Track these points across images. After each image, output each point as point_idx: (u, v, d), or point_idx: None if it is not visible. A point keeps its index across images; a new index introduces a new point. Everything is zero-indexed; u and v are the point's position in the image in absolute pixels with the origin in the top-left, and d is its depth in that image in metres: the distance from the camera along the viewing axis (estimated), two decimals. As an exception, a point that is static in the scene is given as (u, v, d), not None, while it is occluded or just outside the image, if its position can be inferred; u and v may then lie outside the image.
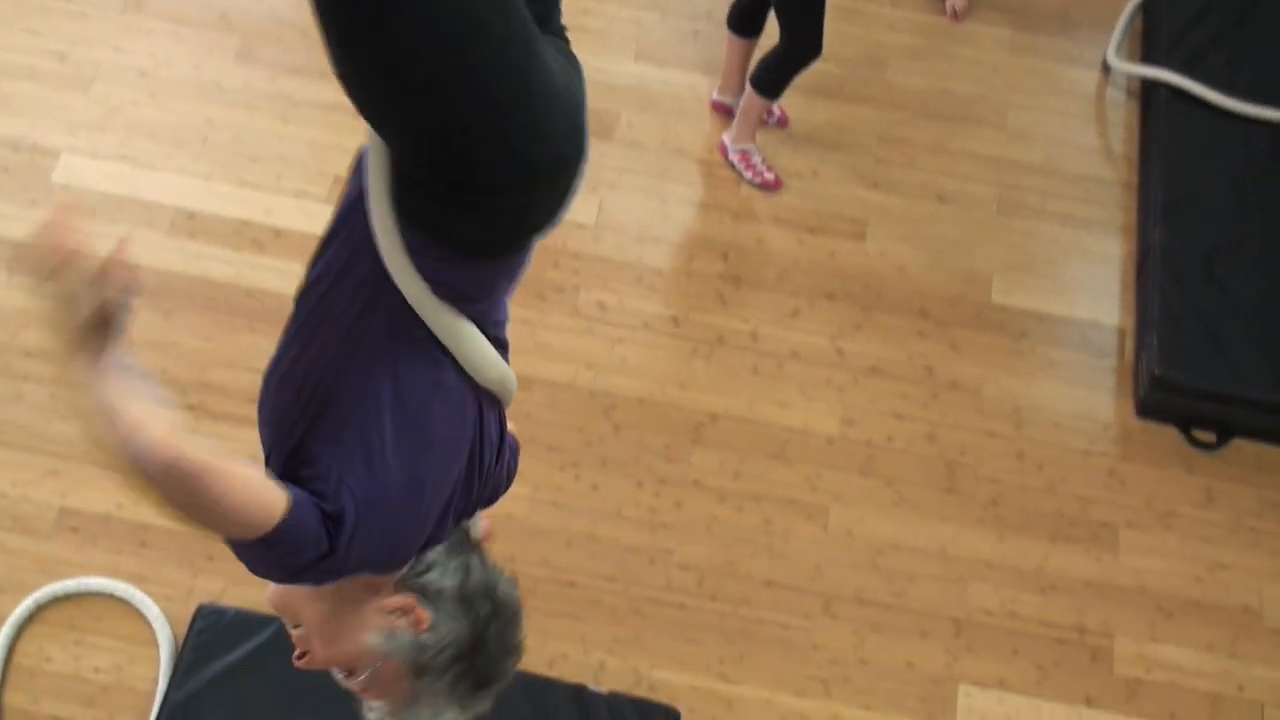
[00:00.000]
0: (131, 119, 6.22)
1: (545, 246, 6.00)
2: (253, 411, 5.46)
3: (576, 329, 5.91)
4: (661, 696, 5.17)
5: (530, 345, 5.83)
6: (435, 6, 2.09)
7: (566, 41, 2.57)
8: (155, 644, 5.21)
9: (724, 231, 6.19)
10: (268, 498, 2.38)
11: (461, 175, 2.28)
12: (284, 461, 2.53)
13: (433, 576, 2.73)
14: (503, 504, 5.48)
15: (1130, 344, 6.06)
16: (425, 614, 2.70)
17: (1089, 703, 5.37)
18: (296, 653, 2.74)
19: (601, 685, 5.15)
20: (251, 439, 5.54)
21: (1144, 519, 5.70)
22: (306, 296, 2.56)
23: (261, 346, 5.68)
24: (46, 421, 5.56)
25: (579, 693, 5.03)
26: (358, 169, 2.50)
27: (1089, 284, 6.23)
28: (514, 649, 2.83)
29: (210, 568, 5.35)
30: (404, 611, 2.70)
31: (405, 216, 2.37)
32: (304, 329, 2.53)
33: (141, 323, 5.69)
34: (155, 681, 5.14)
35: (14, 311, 5.74)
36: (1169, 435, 5.87)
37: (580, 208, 6.16)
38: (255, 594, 5.29)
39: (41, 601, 5.25)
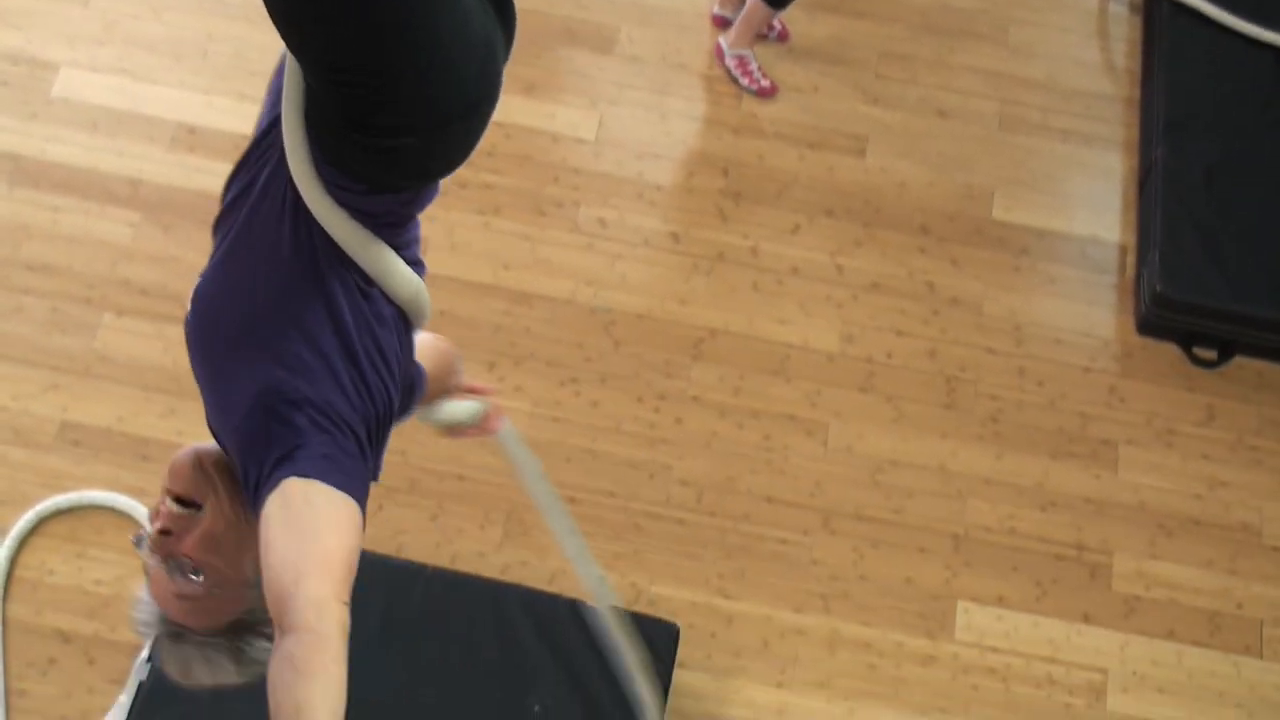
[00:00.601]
0: (131, 32, 6.14)
1: (544, 162, 6.00)
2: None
3: (576, 245, 5.85)
4: (661, 612, 5.16)
5: (530, 261, 5.78)
6: None
7: None
8: (157, 557, 5.18)
9: (724, 147, 6.13)
10: (352, 521, 2.34)
11: (364, 111, 2.25)
12: (254, 409, 2.44)
13: None
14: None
15: (1131, 260, 6.00)
16: None
17: (1087, 619, 5.36)
18: (159, 525, 2.56)
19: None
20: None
21: (1144, 436, 5.67)
22: (231, 213, 2.49)
23: (261, 261, 5.63)
24: (47, 335, 5.52)
25: (579, 607, 5.01)
26: (278, 76, 2.43)
27: (1090, 200, 6.17)
28: None
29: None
30: None
31: (315, 143, 2.33)
32: (230, 251, 2.46)
33: (142, 237, 5.66)
34: (157, 595, 5.12)
35: (16, 225, 5.69)
36: (1170, 352, 5.83)
37: (580, 123, 6.13)
38: (256, 508, 5.27)
39: (43, 514, 5.22)
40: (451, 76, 2.27)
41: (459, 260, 5.75)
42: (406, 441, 5.40)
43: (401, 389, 2.61)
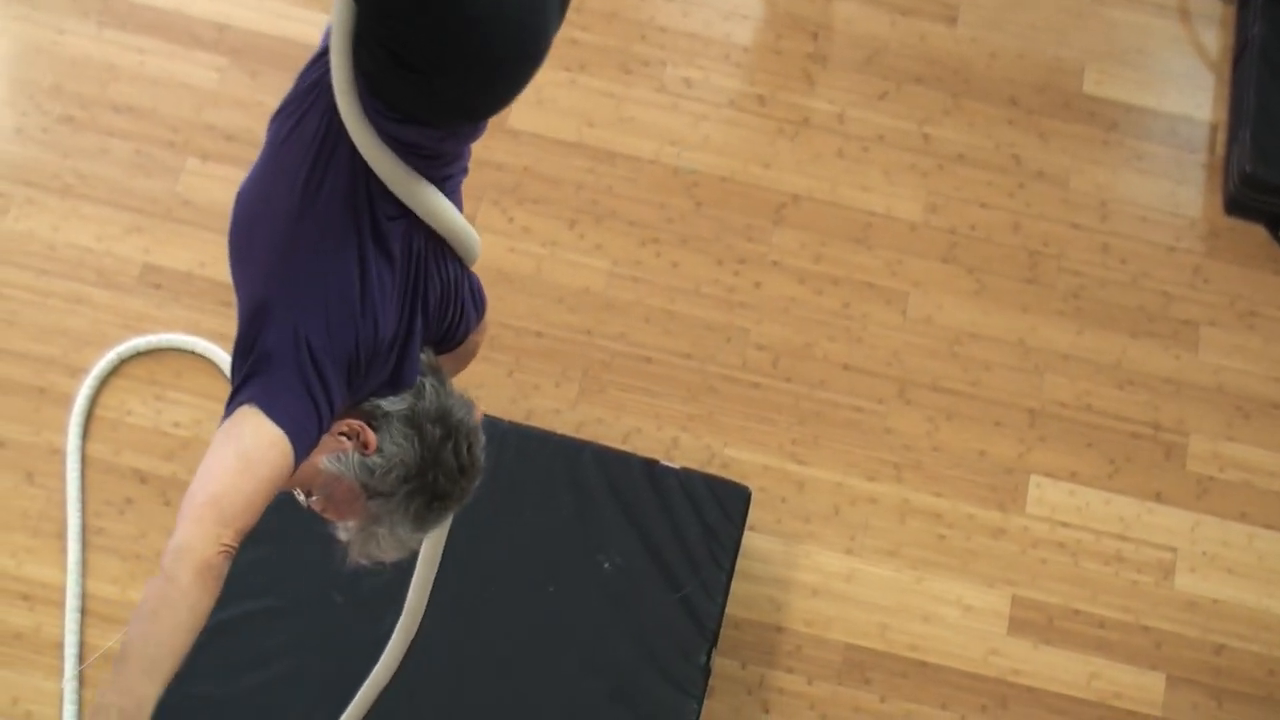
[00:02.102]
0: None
1: (632, 19, 5.85)
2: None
3: (661, 104, 5.72)
4: (733, 474, 5.08)
5: (614, 119, 5.65)
6: None
7: None
8: (235, 402, 5.14)
9: (814, 10, 5.95)
10: (273, 460, 2.44)
11: (405, 46, 2.28)
12: (248, 318, 2.51)
13: (382, 401, 2.65)
14: (580, 277, 5.38)
15: (1221, 139, 5.82)
16: (372, 437, 2.63)
17: (1159, 498, 5.25)
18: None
19: (674, 460, 5.06)
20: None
21: (1226, 317, 5.52)
22: (278, 118, 2.53)
23: (346, 110, 5.54)
24: (131, 177, 5.45)
25: (652, 467, 4.94)
26: None
27: (1182, 76, 5.97)
28: (468, 469, 2.70)
29: (290, 329, 5.26)
30: (352, 434, 2.63)
31: (362, 74, 2.36)
32: (271, 159, 2.50)
33: (228, 82, 5.57)
34: (234, 439, 5.08)
35: (103, 66, 5.60)
36: (1256, 234, 5.66)
37: (670, -20, 5.97)
38: (334, 357, 5.21)
39: (123, 355, 5.18)
40: (494, 22, 2.31)
41: (544, 117, 5.63)
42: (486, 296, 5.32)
43: (441, 324, 2.68)
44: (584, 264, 5.41)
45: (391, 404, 2.65)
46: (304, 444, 2.50)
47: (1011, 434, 5.29)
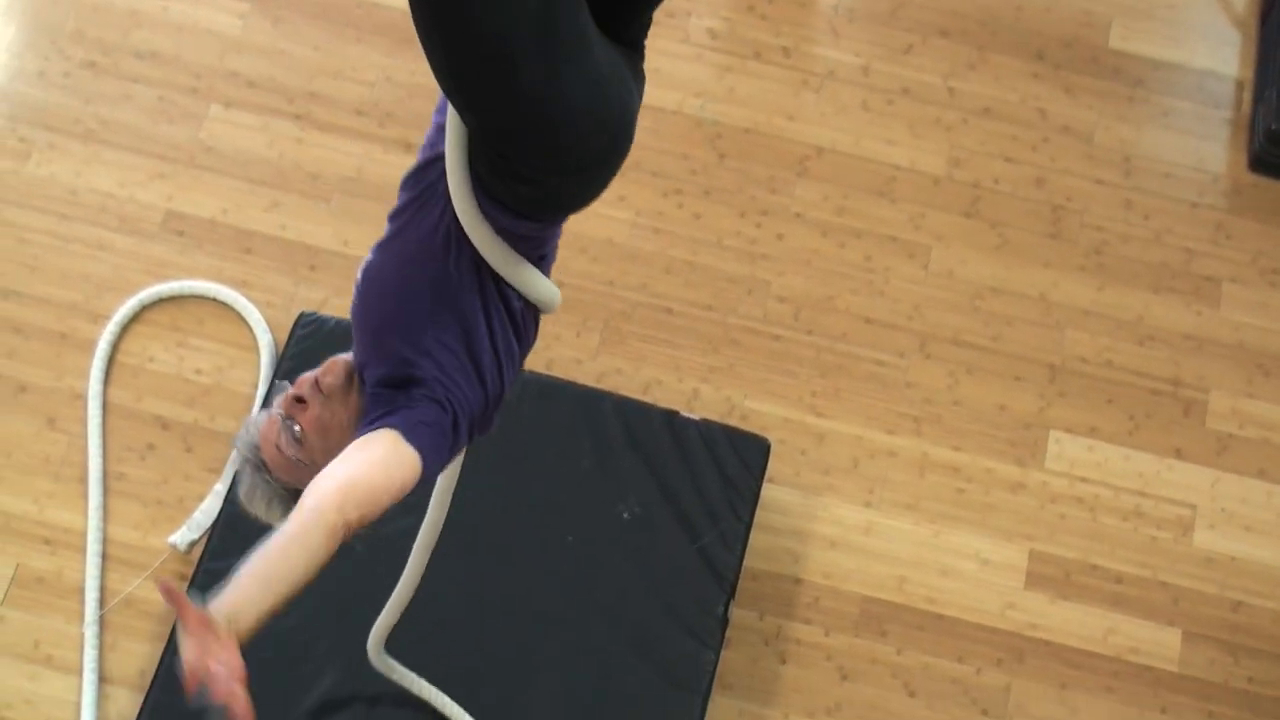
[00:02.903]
0: None
1: (658, -32, 5.78)
2: (357, 123, 5.35)
3: (686, 55, 5.67)
4: (753, 426, 5.06)
5: (638, 69, 5.60)
6: (488, 27, 2.37)
7: (641, 54, 2.83)
8: (256, 349, 5.12)
9: (839, -38, 5.90)
10: (405, 470, 2.69)
11: (510, 159, 2.59)
12: (387, 372, 2.80)
13: None
14: (602, 227, 5.35)
15: (1248, 96, 5.75)
16: None
17: (1179, 455, 5.22)
18: (296, 392, 2.89)
19: (694, 412, 5.03)
20: (353, 151, 5.43)
21: (1249, 274, 5.47)
22: (401, 214, 2.86)
23: (370, 59, 5.50)
24: (154, 124, 5.42)
25: (672, 418, 4.92)
26: (440, 112, 2.78)
27: (1210, 33, 5.90)
28: None
29: (313, 277, 5.24)
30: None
31: (478, 180, 2.67)
32: (397, 247, 2.83)
33: (252, 29, 5.53)
34: (255, 386, 5.07)
35: (126, 11, 5.56)
36: (1281, 191, 5.62)
37: (695, -70, 5.91)
38: (356, 305, 5.19)
39: (146, 301, 5.16)
40: (586, 132, 2.60)
41: (566, 66, 5.58)
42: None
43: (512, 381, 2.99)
44: (606, 215, 5.37)
45: None
46: (431, 472, 2.77)
47: (1032, 389, 5.26)
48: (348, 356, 2.94)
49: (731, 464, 4.85)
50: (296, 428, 2.86)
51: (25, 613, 4.77)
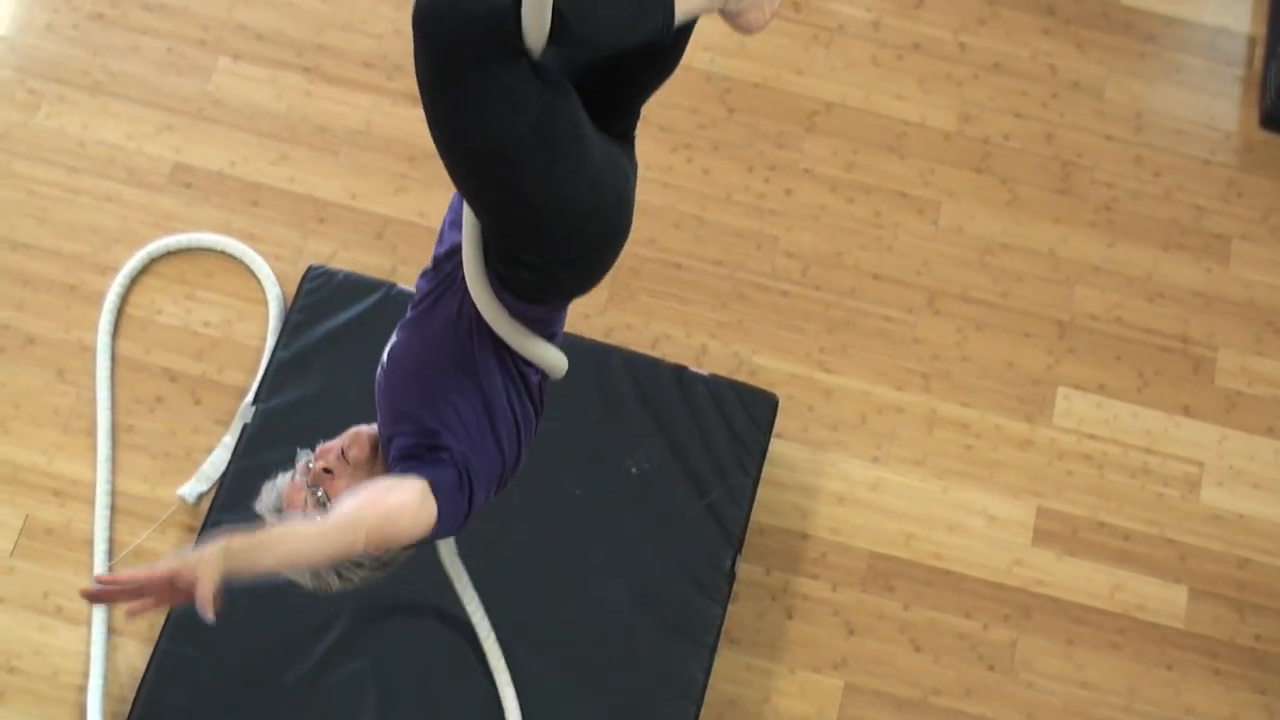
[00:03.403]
0: None
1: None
2: (366, 76, 5.30)
3: (695, 9, 5.62)
4: (761, 382, 5.03)
5: (648, 23, 5.56)
6: (493, 142, 2.60)
7: (632, 143, 2.96)
8: (264, 302, 5.10)
9: (850, -84, 5.85)
10: (422, 525, 2.91)
11: (518, 253, 2.79)
12: (413, 443, 2.97)
13: None
14: (612, 182, 5.31)
15: (1260, 53, 5.69)
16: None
17: (1187, 412, 5.19)
18: (323, 464, 3.07)
19: (703, 367, 5.01)
20: (361, 103, 5.39)
21: (1259, 232, 5.43)
22: (422, 301, 3.02)
23: (379, 11, 5.46)
24: (163, 76, 5.38)
25: (680, 373, 4.89)
26: (456, 203, 3.00)
27: (1221, -11, 5.87)
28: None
29: (321, 230, 5.21)
30: None
31: (493, 271, 2.86)
32: (420, 331, 3.00)
33: (259, -20, 5.49)
34: (263, 339, 5.04)
35: (133, -37, 5.53)
36: (1292, 148, 5.58)
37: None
38: (365, 258, 5.16)
39: (154, 254, 5.14)
40: (586, 228, 2.77)
41: (575, 19, 5.54)
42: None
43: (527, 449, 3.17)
44: (615, 169, 5.34)
45: None
46: (441, 533, 2.99)
47: (1040, 345, 5.23)
48: (371, 429, 3.11)
49: (739, 419, 4.83)
50: (322, 493, 3.02)
51: (35, 564, 4.77)
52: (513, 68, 2.54)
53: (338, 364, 4.83)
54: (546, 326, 3.03)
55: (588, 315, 5.13)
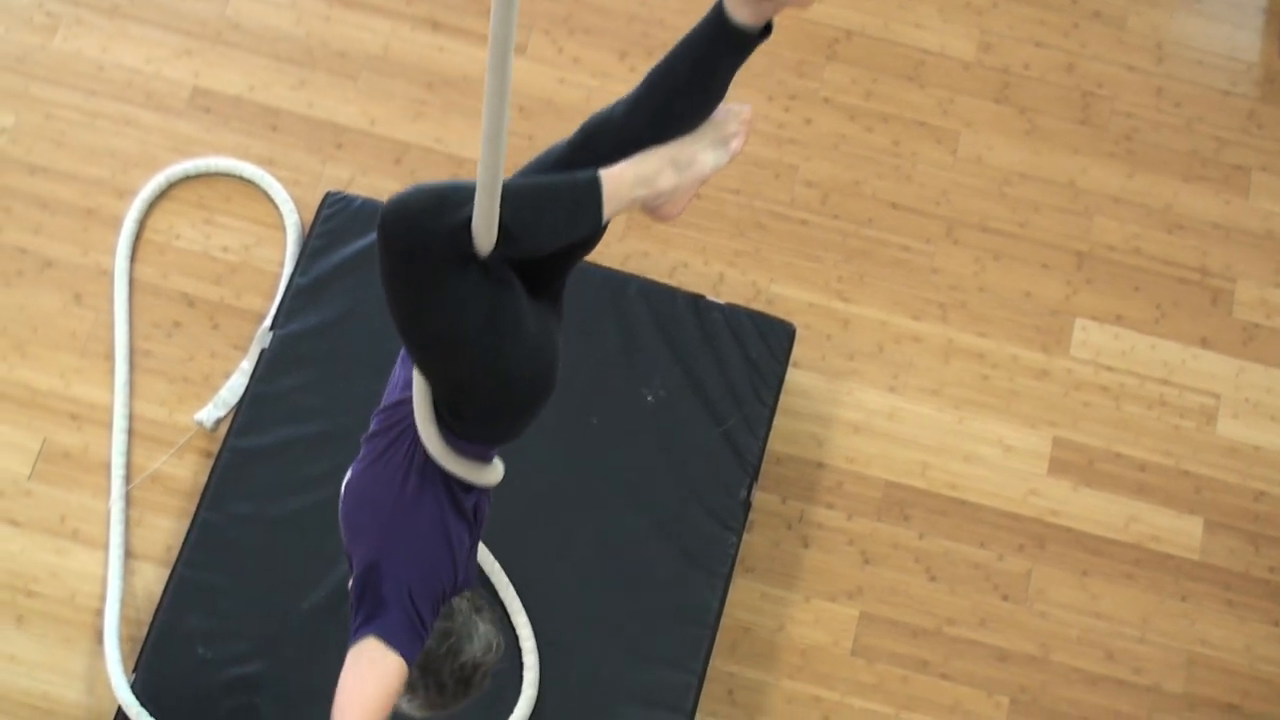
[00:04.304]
0: None
1: None
2: (385, 1, 5.13)
3: (715, -65, 5.53)
4: (778, 311, 4.97)
5: (667, -51, 5.47)
6: (443, 329, 2.85)
7: (560, 297, 3.18)
8: (282, 228, 5.04)
9: None
10: (393, 677, 3.08)
11: (459, 408, 3.03)
12: (361, 573, 3.13)
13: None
14: (631, 109, 5.23)
15: (1283, -17, 5.61)
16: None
17: (1204, 344, 5.12)
18: None
19: (720, 296, 4.95)
20: (380, 29, 5.28)
21: (1279, 163, 5.35)
22: (375, 438, 3.19)
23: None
24: (181, -1, 5.31)
25: (697, 302, 4.83)
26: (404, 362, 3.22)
27: (1245, -82, 5.75)
28: (459, 690, 3.24)
29: (339, 155, 5.14)
30: None
31: (442, 422, 3.09)
32: (374, 465, 3.16)
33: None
34: (281, 265, 4.98)
35: (150, -115, 5.43)
36: (1314, 79, 5.48)
37: None
38: (383, 183, 5.10)
39: (172, 178, 5.07)
40: (520, 392, 3.03)
41: (595, -55, 5.46)
42: (535, 126, 5.19)
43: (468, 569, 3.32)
44: (633, 96, 5.26)
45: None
46: (413, 663, 3.12)
47: (1058, 276, 5.16)
48: None
49: (756, 348, 4.77)
50: None
51: (52, 487, 4.73)
52: (463, 271, 2.79)
53: (355, 290, 4.77)
54: (486, 458, 3.22)
55: (605, 243, 5.05)
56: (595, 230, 2.89)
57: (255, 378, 4.69)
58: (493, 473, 3.22)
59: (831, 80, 5.34)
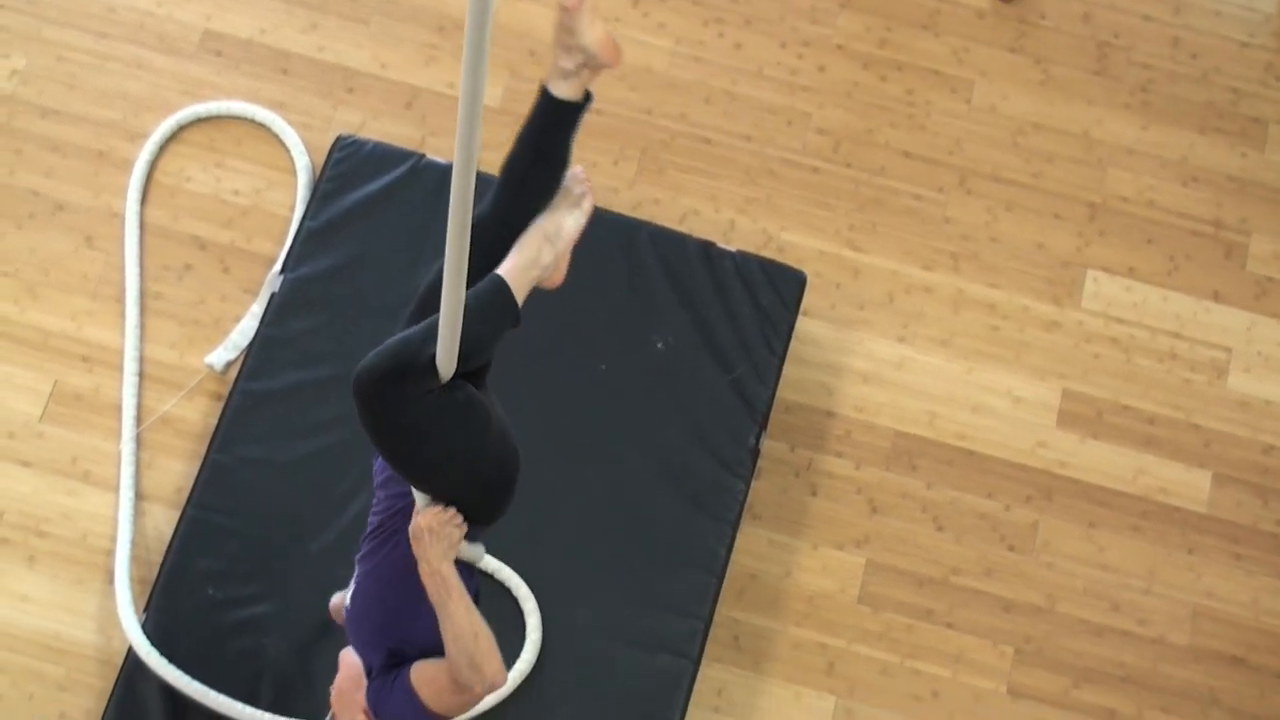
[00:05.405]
0: None
1: None
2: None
3: (730, -120, 5.53)
4: (789, 259, 4.99)
5: (682, -106, 5.47)
6: (416, 441, 3.20)
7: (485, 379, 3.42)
8: (293, 171, 5.07)
9: None
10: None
11: (459, 505, 3.32)
12: (383, 665, 3.43)
13: None
14: (641, 54, 5.26)
15: (1302, -67, 5.60)
16: None
17: (1216, 297, 5.14)
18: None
19: (730, 243, 4.98)
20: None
21: (1296, 116, 5.36)
22: (370, 556, 3.47)
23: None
24: (193, -59, 5.33)
25: (708, 249, 4.86)
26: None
27: None
28: None
29: (350, 100, 5.17)
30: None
31: None
32: (377, 577, 3.45)
33: None
34: (292, 208, 5.02)
35: None
36: (1332, 31, 5.48)
37: None
38: (394, 128, 5.12)
39: (183, 121, 5.10)
40: (493, 489, 3.37)
41: (609, -111, 5.46)
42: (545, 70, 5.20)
43: None
44: (646, 42, 5.28)
45: None
46: None
47: (1071, 227, 5.18)
48: (357, 664, 3.54)
49: (766, 296, 4.80)
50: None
51: (64, 429, 4.78)
52: (433, 399, 3.15)
53: (365, 234, 4.80)
54: (475, 538, 3.46)
55: (616, 189, 5.09)
56: (518, 322, 3.27)
57: (265, 321, 4.73)
58: (476, 553, 3.50)
59: (845, 27, 5.35)
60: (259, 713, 4.35)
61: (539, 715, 4.44)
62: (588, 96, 3.26)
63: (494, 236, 3.28)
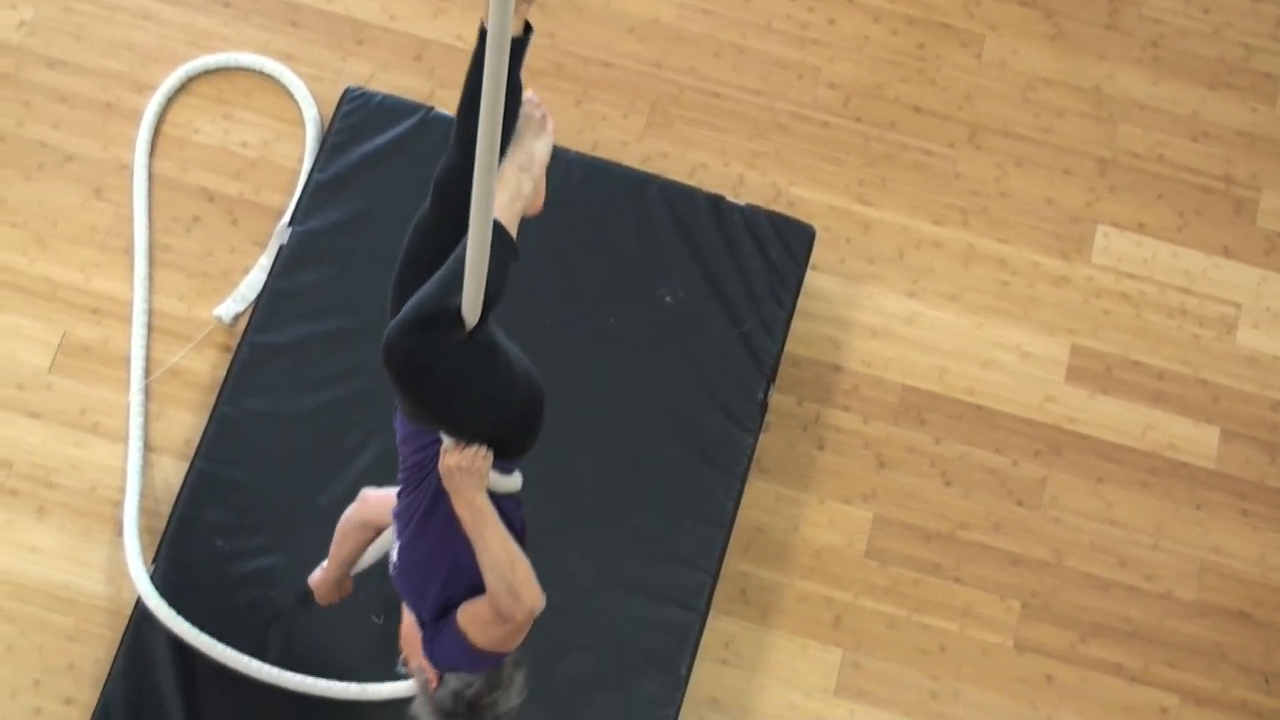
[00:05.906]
0: None
1: None
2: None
3: None
4: (798, 213, 5.00)
5: None
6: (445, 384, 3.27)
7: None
8: (302, 123, 5.07)
9: None
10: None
11: (495, 446, 3.43)
12: (433, 617, 3.49)
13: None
14: (649, 6, 5.25)
15: (1316, -113, 5.58)
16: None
17: (1226, 253, 5.14)
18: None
19: (739, 197, 4.98)
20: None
21: (1308, 71, 5.35)
22: (405, 514, 3.52)
23: None
24: (201, -108, 5.32)
25: (717, 203, 4.86)
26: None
27: None
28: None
29: (360, 52, 5.17)
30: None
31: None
32: (415, 533, 3.49)
33: None
34: (300, 160, 5.02)
35: None
36: (1345, -14, 5.46)
37: None
38: (403, 80, 5.12)
39: (192, 73, 5.10)
40: (535, 403, 3.46)
41: None
42: (555, 24, 5.20)
43: None
44: (656, -5, 5.28)
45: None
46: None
47: (1081, 182, 5.18)
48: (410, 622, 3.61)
49: (775, 250, 4.81)
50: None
51: (73, 380, 4.80)
52: (461, 347, 3.23)
53: (374, 186, 4.81)
54: (509, 469, 3.54)
55: (625, 142, 5.09)
56: (518, 255, 3.35)
57: (274, 273, 4.74)
58: (514, 483, 3.56)
59: (856, -19, 5.35)
60: (265, 665, 4.37)
61: (548, 668, 4.46)
62: (528, 28, 3.28)
63: (468, 186, 3.34)
